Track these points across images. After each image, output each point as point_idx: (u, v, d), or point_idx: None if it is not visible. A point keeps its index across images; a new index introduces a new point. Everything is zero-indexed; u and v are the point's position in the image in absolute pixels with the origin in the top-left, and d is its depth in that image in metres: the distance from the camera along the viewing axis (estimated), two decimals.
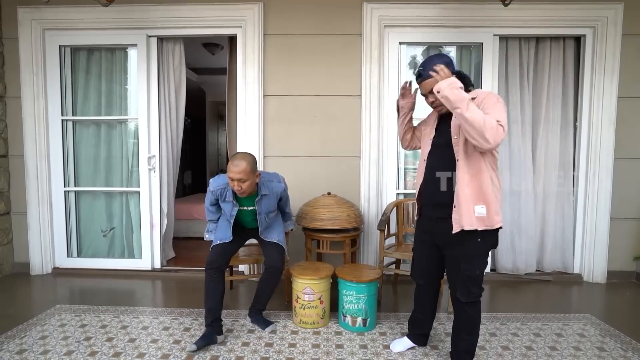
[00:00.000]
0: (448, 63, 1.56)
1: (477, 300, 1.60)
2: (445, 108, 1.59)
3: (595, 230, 2.94)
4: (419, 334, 1.93)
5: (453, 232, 1.56)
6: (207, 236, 2.21)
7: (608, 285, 2.90)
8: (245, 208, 2.08)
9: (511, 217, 3.03)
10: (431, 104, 1.66)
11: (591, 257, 2.97)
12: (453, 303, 1.67)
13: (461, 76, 1.58)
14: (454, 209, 1.56)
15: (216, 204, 2.14)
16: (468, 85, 1.59)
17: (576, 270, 3.04)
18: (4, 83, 3.02)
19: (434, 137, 1.71)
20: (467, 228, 1.53)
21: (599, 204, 2.92)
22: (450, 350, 1.74)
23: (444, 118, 1.70)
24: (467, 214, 1.53)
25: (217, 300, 1.97)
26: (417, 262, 1.84)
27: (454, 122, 1.59)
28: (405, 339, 1.95)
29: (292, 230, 2.48)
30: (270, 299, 2.20)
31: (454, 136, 1.59)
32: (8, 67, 3.01)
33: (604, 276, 2.95)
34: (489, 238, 1.57)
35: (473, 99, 1.53)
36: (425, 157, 1.72)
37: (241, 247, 2.34)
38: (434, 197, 1.67)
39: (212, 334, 1.93)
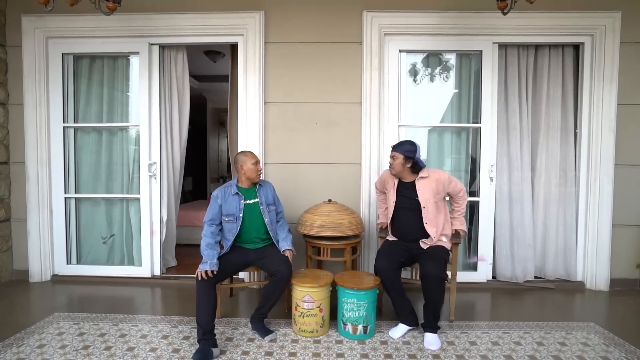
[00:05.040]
0: (411, 151, 2.17)
1: (445, 279, 2.06)
2: (399, 174, 2.25)
3: (597, 237, 2.93)
4: (406, 314, 2.18)
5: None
6: (200, 268, 1.99)
7: (611, 293, 2.87)
8: (249, 201, 2.24)
9: (510, 225, 3.02)
10: (390, 165, 2.26)
11: (593, 264, 2.94)
12: (429, 284, 2.05)
13: (417, 164, 2.20)
14: (423, 240, 2.22)
15: (219, 223, 2.19)
16: (419, 169, 2.22)
17: (579, 278, 3.02)
18: (7, 90, 3.04)
19: (396, 201, 2.27)
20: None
21: (600, 210, 2.91)
22: (422, 322, 2.13)
23: (402, 182, 2.27)
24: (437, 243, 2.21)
25: (208, 313, 1.92)
26: (384, 251, 2.26)
27: (421, 195, 2.19)
28: (400, 325, 2.18)
29: (290, 251, 2.23)
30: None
31: (423, 206, 2.20)
32: (11, 75, 3.03)
33: (607, 284, 2.92)
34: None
35: (424, 177, 2.21)
36: (393, 208, 2.29)
37: (240, 271, 2.34)
38: (404, 231, 2.28)
39: (207, 347, 1.88)
